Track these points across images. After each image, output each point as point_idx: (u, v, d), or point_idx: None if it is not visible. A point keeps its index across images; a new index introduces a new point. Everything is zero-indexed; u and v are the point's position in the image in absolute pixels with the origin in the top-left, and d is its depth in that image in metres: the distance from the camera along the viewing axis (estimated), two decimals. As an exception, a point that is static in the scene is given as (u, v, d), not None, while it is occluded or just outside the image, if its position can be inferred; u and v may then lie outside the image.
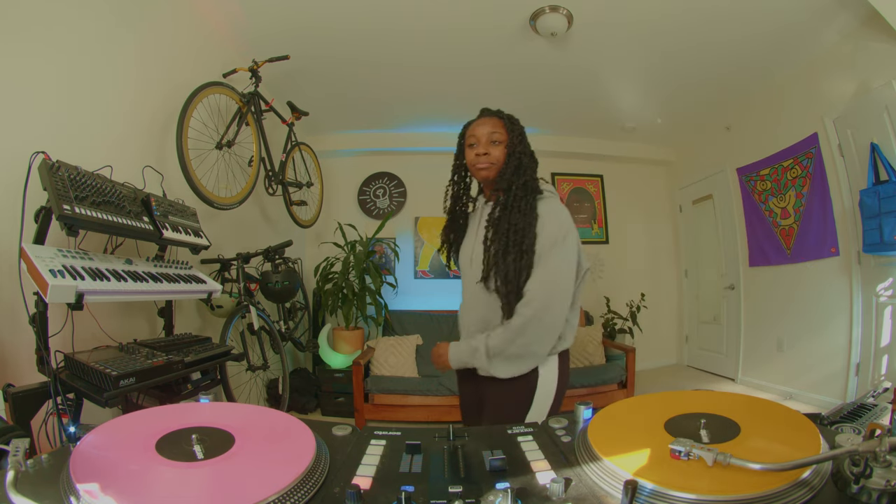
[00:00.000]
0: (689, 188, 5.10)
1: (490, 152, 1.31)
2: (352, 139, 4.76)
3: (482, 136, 1.32)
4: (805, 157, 3.55)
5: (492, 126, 1.33)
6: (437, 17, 2.82)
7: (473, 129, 1.36)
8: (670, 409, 0.63)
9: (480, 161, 1.32)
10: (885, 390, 0.91)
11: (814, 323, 3.53)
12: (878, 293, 3.04)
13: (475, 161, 1.33)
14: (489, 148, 1.31)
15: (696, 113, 4.44)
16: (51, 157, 1.46)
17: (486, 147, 1.31)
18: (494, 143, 1.31)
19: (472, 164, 1.35)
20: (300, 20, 2.87)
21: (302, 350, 3.82)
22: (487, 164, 1.32)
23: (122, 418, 0.64)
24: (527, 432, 0.67)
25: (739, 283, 4.36)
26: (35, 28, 1.69)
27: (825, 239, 3.42)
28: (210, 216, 2.58)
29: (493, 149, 1.31)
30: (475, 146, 1.33)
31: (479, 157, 1.32)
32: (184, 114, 2.30)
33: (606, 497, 0.49)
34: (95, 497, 0.44)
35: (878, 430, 0.44)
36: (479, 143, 1.32)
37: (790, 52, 3.34)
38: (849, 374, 3.19)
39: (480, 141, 1.32)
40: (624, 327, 4.58)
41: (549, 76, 3.63)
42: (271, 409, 0.72)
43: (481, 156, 1.32)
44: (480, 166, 1.32)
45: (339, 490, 0.51)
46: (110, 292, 1.45)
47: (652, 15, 2.87)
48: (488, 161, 1.31)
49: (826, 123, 3.33)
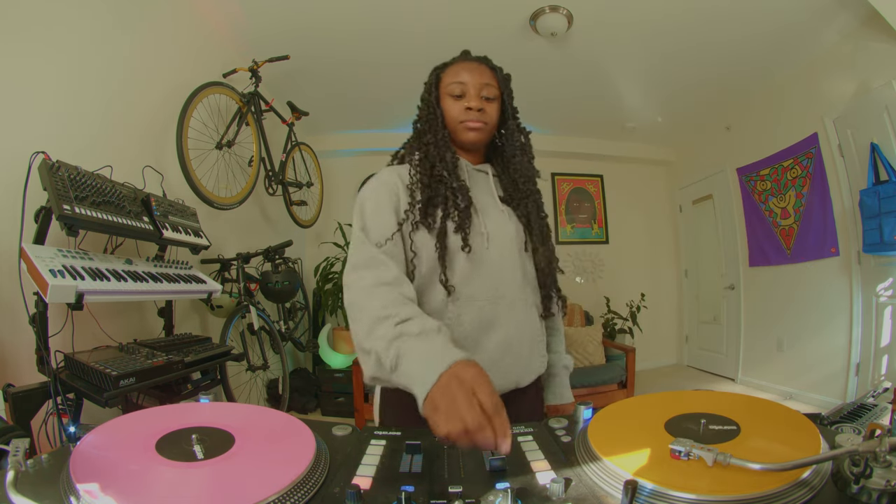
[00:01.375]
0: (689, 188, 5.10)
1: (485, 109, 1.00)
2: (352, 139, 4.76)
3: (472, 85, 1.00)
4: (805, 157, 3.55)
5: (482, 75, 1.01)
6: (437, 17, 2.82)
7: (458, 72, 1.01)
8: (670, 409, 0.63)
9: (472, 118, 0.99)
10: (885, 390, 0.91)
11: (814, 323, 3.54)
12: (878, 293, 3.04)
13: (464, 117, 0.99)
14: (483, 103, 1.00)
15: (696, 113, 4.45)
16: (51, 157, 1.46)
17: (478, 101, 0.99)
18: (488, 99, 1.01)
19: (458, 119, 1.00)
20: (300, 20, 2.87)
21: (302, 350, 3.82)
22: (481, 123, 1.00)
23: (122, 418, 0.64)
24: (527, 432, 0.67)
25: (739, 283, 4.36)
26: (35, 28, 1.69)
27: (825, 239, 3.42)
28: (210, 216, 2.58)
29: (487, 105, 1.01)
30: (463, 98, 1.00)
31: (469, 111, 0.99)
32: (184, 114, 2.30)
33: (606, 497, 0.49)
34: (95, 497, 0.44)
35: (878, 430, 0.44)
36: (469, 94, 0.99)
37: (790, 52, 3.34)
38: (849, 374, 3.19)
39: (469, 91, 0.99)
40: (624, 327, 4.58)
41: (549, 76, 3.63)
42: (271, 409, 0.72)
43: (473, 111, 0.99)
44: (472, 125, 0.99)
45: (339, 490, 0.51)
46: (110, 292, 1.45)
47: (652, 15, 2.87)
48: (482, 120, 1.00)
49: (826, 123, 3.33)
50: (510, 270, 0.99)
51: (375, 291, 0.84)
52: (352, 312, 0.86)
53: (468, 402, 0.58)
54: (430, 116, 1.02)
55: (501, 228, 1.00)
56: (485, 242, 0.97)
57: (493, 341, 0.94)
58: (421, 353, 0.70)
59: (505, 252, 0.99)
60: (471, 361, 0.66)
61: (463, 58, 1.06)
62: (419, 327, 0.75)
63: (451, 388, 0.61)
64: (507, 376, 0.95)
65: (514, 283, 0.99)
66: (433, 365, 0.65)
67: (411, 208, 0.95)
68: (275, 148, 3.25)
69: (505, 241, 0.99)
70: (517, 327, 0.97)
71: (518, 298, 0.99)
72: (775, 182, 3.88)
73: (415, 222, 0.94)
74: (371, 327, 0.79)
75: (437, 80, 1.04)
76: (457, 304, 0.93)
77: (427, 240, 0.94)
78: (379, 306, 0.80)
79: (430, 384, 0.63)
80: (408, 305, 0.81)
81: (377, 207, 0.95)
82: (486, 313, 0.94)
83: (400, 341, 0.73)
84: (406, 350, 0.72)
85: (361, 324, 0.81)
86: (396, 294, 0.84)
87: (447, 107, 1.02)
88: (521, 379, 0.98)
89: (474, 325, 0.93)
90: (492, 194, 1.04)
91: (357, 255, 0.91)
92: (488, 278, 0.95)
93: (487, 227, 0.98)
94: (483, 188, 1.04)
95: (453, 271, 0.94)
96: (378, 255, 0.89)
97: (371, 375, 0.80)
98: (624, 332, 4.56)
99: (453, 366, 0.64)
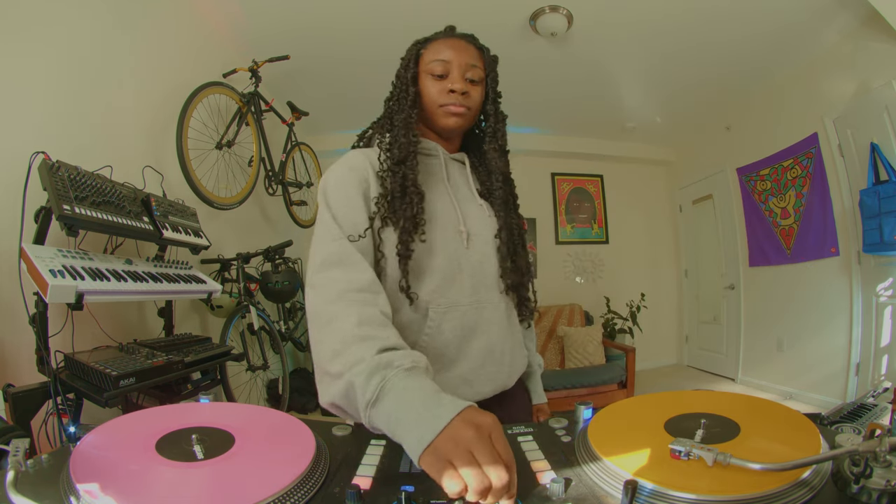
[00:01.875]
0: (689, 188, 5.10)
1: (469, 93, 0.89)
2: (352, 139, 4.62)
3: (456, 65, 0.88)
4: (805, 157, 3.55)
5: (468, 55, 0.89)
6: (437, 17, 2.80)
7: (441, 49, 0.90)
8: (670, 409, 0.63)
9: (454, 101, 0.87)
10: (885, 390, 0.91)
11: (814, 323, 3.54)
12: (878, 293, 3.04)
13: (444, 100, 0.88)
14: (467, 86, 0.89)
15: (696, 113, 4.45)
16: (51, 157, 1.46)
17: (462, 82, 0.88)
18: (472, 81, 0.90)
19: (438, 102, 0.88)
20: (300, 20, 2.87)
21: (302, 350, 3.82)
22: (464, 108, 0.88)
23: (122, 418, 0.64)
24: (527, 432, 0.67)
25: (739, 283, 4.36)
26: (35, 28, 1.69)
27: (825, 239, 3.42)
28: (210, 216, 2.58)
29: (472, 89, 0.90)
30: (445, 78, 0.88)
31: (452, 94, 0.87)
32: (184, 114, 2.30)
33: (606, 497, 0.49)
34: (95, 497, 0.44)
35: (878, 430, 0.44)
36: (452, 76, 0.88)
37: (790, 52, 3.34)
38: (849, 374, 3.19)
39: (453, 71, 0.88)
40: (624, 327, 4.58)
41: (549, 76, 3.63)
42: (271, 409, 0.72)
43: (456, 94, 0.87)
44: (454, 109, 0.88)
45: (339, 490, 0.51)
46: (110, 292, 1.45)
47: (652, 15, 2.87)
48: (465, 104, 0.88)
49: (826, 123, 3.33)
50: (491, 272, 0.91)
51: (349, 300, 0.72)
52: (317, 323, 0.72)
53: (492, 454, 0.48)
54: (402, 95, 0.90)
55: (481, 226, 0.91)
56: (464, 242, 0.88)
57: (475, 348, 0.86)
58: (415, 393, 0.59)
59: (486, 251, 0.91)
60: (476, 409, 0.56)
61: (447, 34, 0.93)
62: (410, 361, 0.64)
63: (465, 437, 0.51)
64: (493, 381, 0.89)
65: (494, 285, 0.91)
66: (433, 410, 0.55)
67: (381, 199, 0.83)
68: (275, 148, 3.25)
69: (485, 240, 0.91)
70: (499, 332, 0.90)
71: (500, 300, 0.91)
72: (775, 182, 3.88)
73: (383, 217, 0.82)
74: (343, 347, 0.67)
75: (416, 55, 0.92)
76: (436, 310, 0.83)
77: (394, 238, 0.83)
78: (355, 322, 0.69)
79: (436, 430, 0.52)
80: (388, 328, 0.71)
81: (347, 196, 0.83)
82: (468, 319, 0.86)
83: (387, 372, 0.61)
84: (395, 386, 0.60)
85: (330, 341, 0.69)
86: (374, 310, 0.72)
87: (426, 87, 0.89)
88: (507, 382, 0.93)
89: (455, 333, 0.85)
90: (469, 187, 0.95)
91: (327, 249, 0.78)
92: (469, 280, 0.87)
93: (466, 225, 0.89)
94: (460, 180, 0.95)
95: (430, 274, 0.84)
96: (352, 251, 0.78)
97: (330, 402, 0.68)
98: (624, 332, 4.56)
99: (463, 412, 0.54)
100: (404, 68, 0.92)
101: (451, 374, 0.85)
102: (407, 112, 0.88)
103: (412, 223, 0.82)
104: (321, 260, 0.78)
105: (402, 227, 0.82)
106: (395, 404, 0.58)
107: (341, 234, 0.79)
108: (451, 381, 0.84)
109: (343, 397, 0.65)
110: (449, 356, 0.84)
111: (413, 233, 0.82)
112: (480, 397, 0.87)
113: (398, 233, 0.82)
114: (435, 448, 0.51)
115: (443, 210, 0.88)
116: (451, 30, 0.96)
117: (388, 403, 0.59)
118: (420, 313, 0.84)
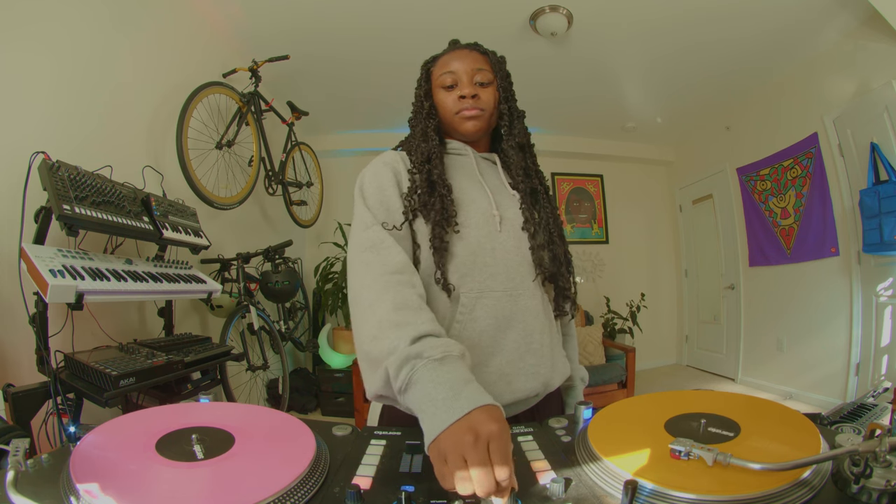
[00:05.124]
0: (689, 188, 5.10)
1: (480, 95, 0.94)
2: (352, 139, 4.76)
3: (463, 73, 0.94)
4: (805, 157, 3.55)
5: (473, 61, 0.96)
6: (437, 17, 2.81)
7: (447, 62, 0.96)
8: (670, 409, 0.63)
9: (466, 106, 0.93)
10: (885, 390, 0.91)
11: (814, 323, 3.54)
12: (878, 293, 3.04)
13: (458, 106, 0.94)
14: (477, 89, 0.95)
15: (696, 113, 4.45)
16: (51, 157, 1.46)
17: (471, 87, 0.94)
18: (482, 84, 0.95)
19: (453, 110, 0.95)
20: (300, 20, 2.87)
21: (302, 350, 3.82)
22: (477, 110, 0.94)
23: (122, 418, 0.64)
24: (527, 432, 0.67)
25: (739, 283, 4.36)
26: (35, 28, 1.69)
27: (825, 239, 3.42)
28: (210, 216, 2.58)
29: (482, 91, 0.95)
30: (455, 87, 0.95)
31: (463, 100, 0.94)
32: (184, 114, 2.30)
33: (606, 497, 0.49)
34: (95, 497, 0.44)
35: (878, 430, 0.44)
36: (461, 83, 0.95)
37: (790, 52, 3.34)
38: (849, 374, 3.19)
39: (461, 79, 0.94)
40: (624, 327, 4.58)
41: (549, 76, 3.63)
42: (271, 409, 0.72)
43: (467, 99, 0.93)
44: (468, 113, 0.94)
45: (339, 490, 0.51)
46: (110, 292, 1.45)
47: (652, 15, 2.87)
48: (478, 107, 0.94)
49: (826, 123, 3.33)
50: (526, 258, 0.90)
51: (385, 283, 0.75)
52: (355, 307, 0.77)
53: (482, 463, 0.50)
54: (418, 109, 0.98)
55: (514, 213, 0.92)
56: (497, 226, 0.88)
57: (511, 339, 0.84)
58: (437, 386, 0.60)
59: (521, 237, 0.90)
60: (495, 410, 0.57)
61: (451, 47, 1.00)
62: (441, 350, 0.65)
63: (461, 441, 0.52)
64: (535, 378, 0.86)
65: (530, 273, 0.90)
66: (449, 404, 0.57)
67: (410, 193, 0.87)
68: (275, 148, 3.25)
69: (517, 226, 0.91)
70: (536, 322, 0.88)
71: (535, 289, 0.89)
72: (775, 182, 3.88)
73: (413, 210, 0.86)
74: (380, 332, 0.70)
75: (427, 73, 0.99)
76: (468, 296, 0.83)
77: (426, 231, 0.86)
78: (391, 307, 0.72)
79: (443, 427, 0.55)
80: (423, 311, 0.73)
81: (380, 186, 0.87)
82: (502, 307, 0.84)
83: (417, 362, 0.64)
84: (421, 377, 0.62)
85: (368, 326, 0.73)
86: (409, 292, 0.75)
87: (440, 99, 0.96)
88: (550, 380, 0.89)
89: (489, 321, 0.83)
90: (501, 180, 0.98)
91: (361, 236, 0.83)
92: (503, 265, 0.86)
93: (500, 210, 0.90)
94: (492, 173, 0.99)
95: (461, 257, 0.85)
96: (384, 236, 0.81)
97: (377, 393, 0.69)
98: (624, 331, 4.57)
99: (474, 412, 0.55)
100: (418, 87, 1.00)
101: (489, 368, 0.83)
102: (424, 122, 0.96)
103: (443, 215, 0.85)
104: (355, 245, 0.83)
105: (434, 220, 0.84)
106: (419, 394, 0.62)
107: (374, 221, 0.83)
108: (488, 378, 0.82)
109: (384, 387, 0.68)
110: (484, 347, 0.83)
111: (446, 225, 0.85)
112: (521, 395, 0.85)
113: (430, 225, 0.85)
114: (438, 443, 0.54)
115: (475, 196, 0.91)
116: (454, 43, 1.02)
117: (414, 393, 0.62)
118: (452, 300, 0.84)
